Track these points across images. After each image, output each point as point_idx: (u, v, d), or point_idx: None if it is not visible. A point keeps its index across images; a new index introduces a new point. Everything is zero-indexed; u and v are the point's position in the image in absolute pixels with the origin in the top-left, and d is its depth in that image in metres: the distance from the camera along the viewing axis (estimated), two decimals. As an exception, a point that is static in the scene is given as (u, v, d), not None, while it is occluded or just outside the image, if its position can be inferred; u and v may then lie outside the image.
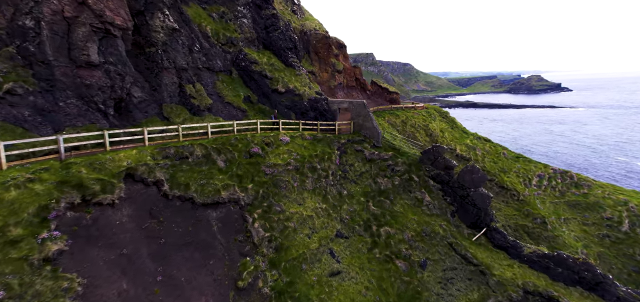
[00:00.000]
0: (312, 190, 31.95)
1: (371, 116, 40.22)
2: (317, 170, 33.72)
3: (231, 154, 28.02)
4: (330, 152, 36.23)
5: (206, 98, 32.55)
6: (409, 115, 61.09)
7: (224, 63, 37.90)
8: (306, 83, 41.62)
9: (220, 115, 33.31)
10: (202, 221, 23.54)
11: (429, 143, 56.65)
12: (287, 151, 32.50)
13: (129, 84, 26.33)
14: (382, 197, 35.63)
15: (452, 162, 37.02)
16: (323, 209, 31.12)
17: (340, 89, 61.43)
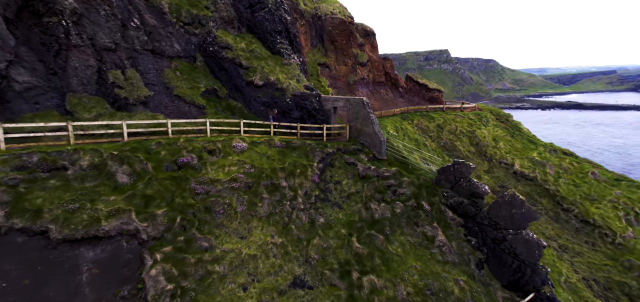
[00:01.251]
0: (267, 217, 23.72)
1: (372, 119, 30.69)
2: (281, 189, 25.44)
3: (142, 165, 21.09)
4: (306, 165, 27.66)
5: (141, 89, 26.00)
6: (449, 119, 49.52)
7: (184, 47, 31.20)
8: (294, 75, 33.45)
9: (163, 112, 26.68)
10: (61, 266, 16.81)
11: (475, 155, 44.89)
12: (239, 162, 24.73)
13: (5, 63, 20.85)
14: (373, 231, 26.13)
15: (482, 188, 26.05)
16: (278, 245, 22.72)
17: (363, 85, 52.00)
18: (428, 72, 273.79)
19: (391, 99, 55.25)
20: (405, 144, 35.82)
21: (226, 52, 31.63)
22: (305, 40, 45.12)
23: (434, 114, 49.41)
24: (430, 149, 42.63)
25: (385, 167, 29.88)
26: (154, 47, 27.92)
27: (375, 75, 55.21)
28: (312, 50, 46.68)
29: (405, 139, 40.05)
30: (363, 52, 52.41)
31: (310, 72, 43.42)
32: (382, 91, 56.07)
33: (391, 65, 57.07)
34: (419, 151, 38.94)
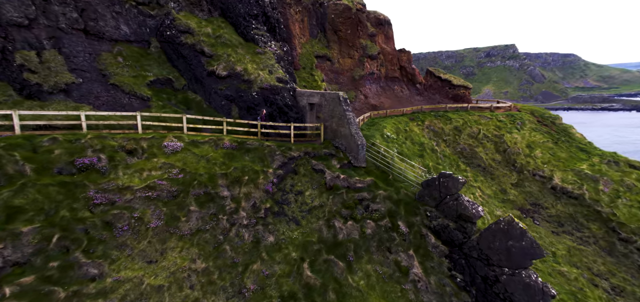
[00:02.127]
0: (192, 235, 19.77)
1: (349, 118, 25.85)
2: (219, 200, 21.55)
3: (17, 167, 17.63)
4: (258, 171, 23.54)
5: (62, 74, 22.70)
6: (471, 120, 42.80)
7: (136, 30, 27.87)
8: (267, 65, 29.47)
9: (92, 103, 23.84)
10: None
11: (501, 164, 38.18)
12: (165, 165, 21.09)
13: None
14: (333, 255, 21.41)
15: (472, 208, 20.34)
16: (200, 272, 18.67)
17: (372, 81, 46.76)
18: (488, 70, 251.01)
19: (406, 97, 49.33)
20: (399, 148, 30.53)
21: (186, 37, 28.41)
22: (302, 29, 41.01)
23: (453, 115, 42.89)
24: (441, 155, 36.57)
25: (359, 176, 24.94)
26: (89, 27, 25.09)
27: (389, 69, 49.62)
28: (311, 41, 42.43)
29: (406, 143, 34.49)
30: (373, 44, 47.11)
31: (304, 64, 39.24)
32: (396, 88, 50.24)
33: (408, 59, 50.92)
34: (422, 157, 33.32)
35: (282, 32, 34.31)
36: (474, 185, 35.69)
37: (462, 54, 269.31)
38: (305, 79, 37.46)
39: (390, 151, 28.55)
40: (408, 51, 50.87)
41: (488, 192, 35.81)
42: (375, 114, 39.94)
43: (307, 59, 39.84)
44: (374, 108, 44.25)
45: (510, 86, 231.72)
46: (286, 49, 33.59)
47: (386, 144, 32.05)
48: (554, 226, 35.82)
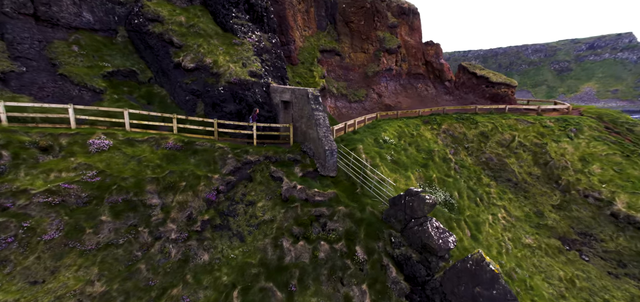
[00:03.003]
0: (98, 250, 17.11)
1: (317, 118, 22.11)
2: (143, 209, 18.98)
3: None
4: (200, 177, 20.68)
5: (1, 62, 21.94)
6: (504, 124, 36.34)
7: (101, 18, 26.41)
8: (242, 58, 26.75)
9: (34, 95, 22.64)
10: None
11: (540, 180, 31.85)
12: (82, 165, 18.69)
13: None
14: (273, 283, 17.94)
15: (439, 239, 15.69)
16: (97, 297, 16.12)
17: (388, 78, 42.02)
18: (591, 65, 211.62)
19: (431, 96, 43.65)
20: (395, 156, 26.15)
21: (154, 25, 26.69)
22: (307, 20, 37.73)
23: (481, 118, 36.56)
24: (457, 165, 30.99)
25: (321, 188, 21.09)
26: (40, 12, 24.12)
27: (412, 65, 44.29)
28: (318, 34, 38.97)
29: (408, 150, 29.58)
30: (393, 36, 42.21)
31: (304, 59, 35.95)
32: (419, 86, 44.70)
33: (436, 53, 44.96)
34: (425, 167, 28.44)
35: (272, 22, 31.46)
36: (498, 203, 29.75)
37: (555, 47, 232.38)
38: (301, 75, 34.17)
39: (404, 159, 24.43)
40: (436, 44, 44.88)
41: (517, 214, 29.63)
42: (383, 115, 35.38)
43: (309, 53, 36.50)
44: (388, 108, 39.52)
45: (621, 83, 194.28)
46: (275, 41, 30.63)
47: (377, 149, 27.63)
48: (612, 265, 28.63)
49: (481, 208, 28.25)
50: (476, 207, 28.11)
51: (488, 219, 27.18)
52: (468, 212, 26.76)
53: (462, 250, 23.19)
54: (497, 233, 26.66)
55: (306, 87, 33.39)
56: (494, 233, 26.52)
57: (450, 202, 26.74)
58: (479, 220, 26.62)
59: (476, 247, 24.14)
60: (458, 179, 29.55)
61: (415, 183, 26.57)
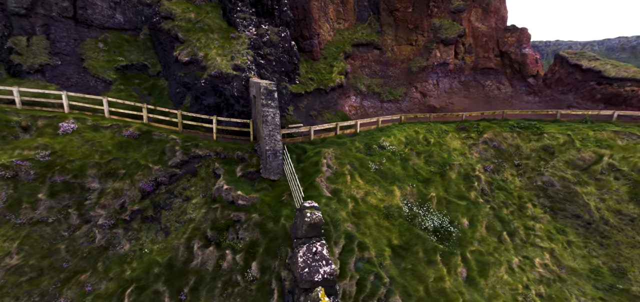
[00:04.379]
0: (30, 225, 17.26)
1: (266, 116, 19.18)
2: (81, 192, 18.77)
3: None
4: (141, 166, 19.89)
5: (39, 57, 24.78)
6: (591, 137, 26.28)
7: (131, 18, 28.39)
8: (232, 51, 25.30)
9: (62, 84, 25.30)
10: None
11: (637, 225, 22.64)
12: (41, 145, 18.71)
13: None
14: (169, 287, 16.32)
15: (308, 269, 11.65)
16: (11, 269, 16.23)
17: (442, 74, 34.95)
18: None
19: (505, 97, 33.99)
20: (385, 166, 21.60)
21: (166, 22, 27.57)
22: (343, 12, 33.74)
23: (555, 127, 26.65)
24: (490, 186, 23.61)
25: (249, 191, 18.30)
26: (79, 15, 26.99)
27: (480, 57, 35.38)
28: (356, 26, 34.57)
29: (410, 161, 23.62)
30: (455, 23, 34.24)
31: (327, 54, 32.46)
32: (488, 83, 35.40)
33: (517, 40, 34.49)
34: (426, 182, 22.70)
35: (284, 15, 29.33)
36: (541, 244, 21.58)
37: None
38: (318, 70, 30.84)
39: (357, 164, 20.30)
40: (520, 29, 34.43)
41: (573, 265, 20.94)
42: (410, 117, 29.51)
43: (337, 47, 32.77)
44: (432, 110, 32.63)
45: None
46: (284, 35, 28.47)
47: (361, 156, 22.80)
48: None
49: (505, 246, 20.99)
50: (497, 243, 21.01)
51: (509, 262, 20.02)
52: (474, 247, 20.19)
53: (434, 293, 17.66)
54: (519, 284, 19.39)
55: (322, 83, 30.33)
56: (512, 282, 19.35)
57: (448, 230, 20.62)
58: (490, 260, 19.81)
59: (465, 293, 18.12)
60: (479, 204, 22.56)
61: (399, 200, 21.29)
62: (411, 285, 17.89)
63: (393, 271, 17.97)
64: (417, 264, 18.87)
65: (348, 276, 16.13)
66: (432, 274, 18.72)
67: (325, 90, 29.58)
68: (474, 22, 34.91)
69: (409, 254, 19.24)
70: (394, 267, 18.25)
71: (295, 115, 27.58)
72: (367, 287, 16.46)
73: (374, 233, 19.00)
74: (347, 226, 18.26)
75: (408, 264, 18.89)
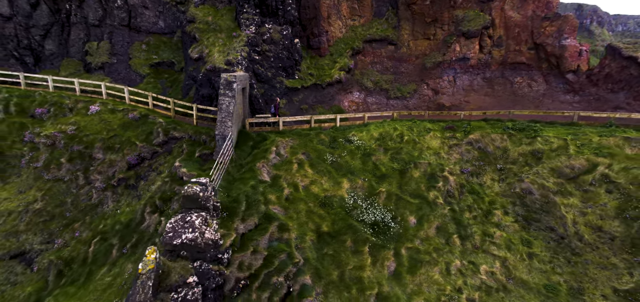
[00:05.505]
0: (53, 181, 22.87)
1: (221, 103, 21.27)
2: (89, 160, 23.36)
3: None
4: (132, 143, 23.64)
5: (102, 57, 31.14)
6: (594, 143, 21.80)
7: (169, 23, 33.00)
8: (230, 48, 27.89)
9: (113, 77, 31.35)
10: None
11: (620, 248, 19.37)
12: (74, 122, 24.46)
13: (39, 36, 32.97)
14: (119, 242, 19.83)
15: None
16: (35, 212, 21.13)
17: (461, 70, 31.84)
18: None
19: (536, 95, 28.49)
20: (342, 160, 22.13)
21: (189, 25, 31.78)
22: (356, 9, 33.05)
23: (561, 130, 22.39)
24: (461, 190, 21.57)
25: (192, 170, 20.62)
26: (132, 23, 33.11)
27: (509, 50, 30.38)
28: (372, 22, 33.59)
29: (374, 156, 22.72)
30: (482, 13, 29.93)
31: (335, 51, 32.35)
32: (518, 80, 30.20)
33: (558, 30, 28.30)
34: (378, 178, 22.19)
35: (288, 15, 30.74)
36: (495, 253, 19.16)
37: None
38: (321, 66, 31.07)
39: (314, 155, 21.46)
40: (564, 17, 27.95)
41: (526, 278, 18.30)
42: (404, 114, 27.90)
43: (346, 44, 32.45)
44: (441, 108, 29.77)
45: None
46: (286, 33, 29.94)
47: (322, 148, 23.03)
48: None
49: (451, 249, 19.41)
50: (442, 244, 19.55)
51: (448, 264, 18.68)
52: (412, 244, 19.27)
53: (348, 279, 17.75)
54: (449, 286, 18.06)
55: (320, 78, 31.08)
56: (442, 283, 18.06)
57: (387, 225, 19.97)
58: (425, 259, 18.75)
59: (384, 285, 17.88)
60: (437, 205, 20.98)
61: (344, 192, 21.27)
62: (325, 269, 18.08)
63: (310, 254, 18.37)
64: (341, 252, 18.92)
65: (250, 250, 17.21)
66: (353, 262, 18.59)
67: (322, 85, 30.28)
68: (508, 11, 31.06)
69: (335, 242, 19.32)
70: (314, 251, 18.62)
71: (287, 108, 29.08)
72: (274, 264, 17.27)
73: (302, 218, 19.58)
74: (273, 208, 19.27)
75: (330, 251, 19.03)
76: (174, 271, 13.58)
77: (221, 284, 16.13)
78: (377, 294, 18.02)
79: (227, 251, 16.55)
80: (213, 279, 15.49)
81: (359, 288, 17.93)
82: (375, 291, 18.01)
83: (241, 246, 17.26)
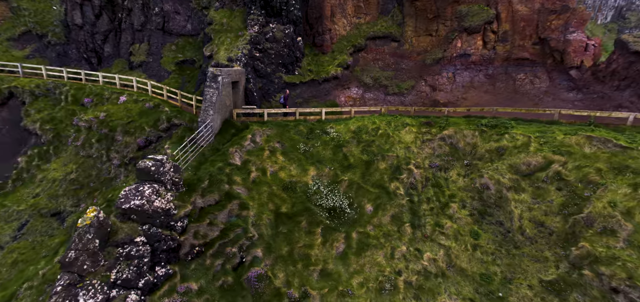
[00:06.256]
0: (85, 157, 27.60)
1: (206, 94, 23.76)
2: (109, 141, 27.50)
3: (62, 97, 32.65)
4: (142, 128, 27.38)
5: (141, 56, 35.68)
6: (559, 142, 20.14)
7: (196, 26, 36.19)
8: (233, 47, 30.45)
9: (147, 73, 35.95)
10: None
11: (556, 241, 18.81)
12: (106, 110, 28.88)
13: (100, 41, 39.05)
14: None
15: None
16: (70, 180, 26.66)
17: (461, 66, 30.52)
18: None
19: (539, 93, 25.61)
20: (311, 149, 23.68)
21: (208, 27, 35.28)
22: (361, 8, 33.06)
23: (523, 129, 20.64)
24: (424, 182, 21.49)
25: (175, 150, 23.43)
26: (165, 27, 37.39)
27: (514, 46, 27.81)
28: (378, 20, 33.25)
29: (346, 147, 23.23)
30: (486, 8, 28.17)
31: (337, 49, 32.95)
32: (520, 77, 27.54)
33: (565, 23, 25.39)
34: (344, 168, 23.14)
35: (291, 15, 32.39)
36: (442, 242, 19.25)
37: None
38: (320, 63, 31.60)
39: (288, 144, 23.43)
40: (573, 9, 25.24)
41: (465, 267, 18.12)
42: (392, 110, 27.67)
43: (348, 41, 32.75)
44: (435, 105, 28.64)
45: None
46: (288, 32, 31.74)
47: (297, 138, 24.23)
48: None
49: (401, 236, 19.77)
50: (394, 232, 20.04)
51: (394, 249, 19.25)
52: (364, 229, 20.10)
53: (297, 255, 19.28)
54: (389, 268, 18.71)
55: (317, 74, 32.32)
56: (383, 265, 18.66)
57: (344, 211, 20.91)
58: (373, 243, 19.45)
59: (329, 263, 19.17)
60: (397, 195, 21.15)
61: (309, 178, 22.56)
62: (277, 244, 19.70)
63: (265, 231, 20.10)
64: (295, 232, 20.36)
65: (206, 222, 19.46)
66: (304, 241, 19.94)
67: (318, 81, 31.47)
68: (515, 5, 29.20)
69: (291, 222, 20.79)
70: (269, 229, 20.31)
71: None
72: (230, 236, 19.37)
73: (263, 199, 21.35)
74: (236, 188, 21.34)
75: (285, 230, 20.56)
76: (121, 230, 16.23)
77: (174, 248, 18.48)
78: (321, 270, 19.16)
79: (182, 220, 18.80)
80: (164, 242, 17.88)
81: (305, 264, 19.15)
82: (320, 267, 19.15)
83: (199, 217, 19.43)
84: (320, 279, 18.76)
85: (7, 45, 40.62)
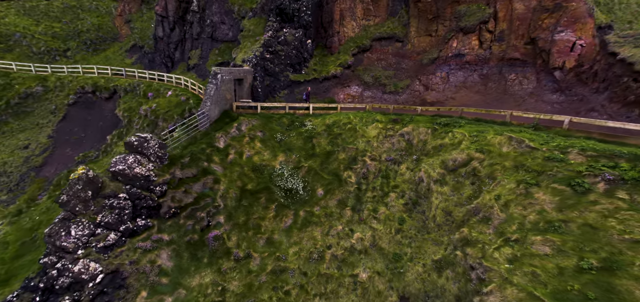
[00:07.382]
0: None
1: (207, 89, 28.21)
2: (154, 126, 34.42)
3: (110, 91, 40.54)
4: (172, 116, 33.21)
5: (194, 60, 42.80)
6: (489, 142, 18.85)
7: (235, 34, 41.96)
8: (249, 49, 34.27)
9: (198, 73, 42.65)
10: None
11: (453, 226, 19.35)
12: (155, 102, 36.15)
13: (173, 49, 47.50)
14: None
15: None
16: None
17: (456, 66, 29.06)
18: None
19: (525, 94, 22.07)
20: (287, 140, 26.78)
21: (240, 34, 40.18)
22: (371, 11, 33.23)
23: (466, 129, 19.14)
24: (375, 173, 22.30)
25: (184, 134, 28.20)
26: (213, 35, 43.57)
27: (509, 46, 24.91)
28: (386, 21, 32.99)
29: (316, 139, 24.79)
30: (482, 7, 25.77)
31: (343, 49, 33.92)
32: (511, 77, 24.20)
33: (556, 22, 21.44)
34: (309, 156, 25.44)
35: (302, 20, 34.94)
36: (372, 225, 20.45)
37: None
38: (325, 63, 32.85)
39: (269, 134, 27.00)
40: (565, 7, 21.39)
41: (383, 246, 19.15)
42: (376, 107, 27.89)
43: (355, 42, 33.41)
44: (424, 103, 27.48)
45: None
46: (298, 35, 34.53)
47: (278, 128, 26.97)
48: None
49: (340, 217, 21.53)
50: (336, 213, 21.90)
51: (331, 227, 21.30)
52: (310, 209, 22.40)
53: (251, 224, 22.61)
54: (321, 242, 20.91)
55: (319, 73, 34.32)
56: (318, 240, 20.85)
57: (298, 192, 23.36)
58: (314, 220, 21.62)
59: (275, 232, 22.29)
60: (348, 182, 22.68)
61: (277, 163, 25.37)
62: (237, 214, 23.19)
63: (230, 203, 23.76)
64: (254, 205, 23.56)
65: (182, 190, 23.87)
66: (259, 214, 23.03)
67: (319, 79, 33.62)
68: (515, 3, 27.24)
69: (252, 198, 24.00)
70: (234, 201, 23.87)
71: (287, 97, 33.88)
72: (200, 203, 23.59)
73: (233, 177, 24.95)
74: (214, 166, 25.28)
75: (246, 203, 23.86)
76: (108, 186, 21.36)
77: (154, 206, 23.03)
78: (268, 238, 21.94)
79: (161, 186, 23.26)
80: (144, 200, 22.55)
81: (255, 232, 22.13)
82: (266, 236, 21.93)
83: (177, 186, 23.76)
84: (265, 245, 21.30)
85: (123, 55, 51.85)
